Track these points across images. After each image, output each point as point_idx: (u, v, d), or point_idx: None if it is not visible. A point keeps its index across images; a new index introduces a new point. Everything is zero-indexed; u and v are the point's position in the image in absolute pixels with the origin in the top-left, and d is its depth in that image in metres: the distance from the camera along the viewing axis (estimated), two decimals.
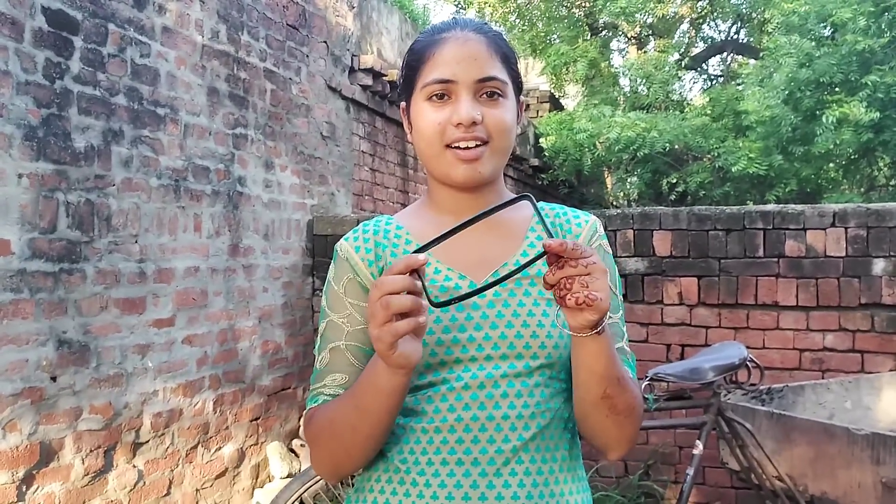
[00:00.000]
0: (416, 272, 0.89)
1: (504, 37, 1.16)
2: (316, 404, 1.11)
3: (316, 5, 4.60)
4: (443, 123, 1.07)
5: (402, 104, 1.18)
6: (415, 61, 1.12)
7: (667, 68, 9.67)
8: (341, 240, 1.17)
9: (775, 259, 3.70)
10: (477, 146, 1.07)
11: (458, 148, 1.07)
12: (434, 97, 1.08)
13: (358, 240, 1.15)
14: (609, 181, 11.79)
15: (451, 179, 1.10)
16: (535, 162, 9.22)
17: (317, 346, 1.15)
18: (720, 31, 12.45)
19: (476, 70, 1.07)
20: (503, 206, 0.97)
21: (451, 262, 1.10)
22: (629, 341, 1.17)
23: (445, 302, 0.91)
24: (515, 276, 1.07)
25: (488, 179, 1.11)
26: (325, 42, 4.71)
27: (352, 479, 1.15)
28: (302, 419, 4.33)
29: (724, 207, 3.83)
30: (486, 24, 1.16)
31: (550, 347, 1.06)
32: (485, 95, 1.08)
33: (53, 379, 2.77)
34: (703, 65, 12.62)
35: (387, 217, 1.21)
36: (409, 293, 0.89)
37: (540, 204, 1.20)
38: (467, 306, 1.06)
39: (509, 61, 1.12)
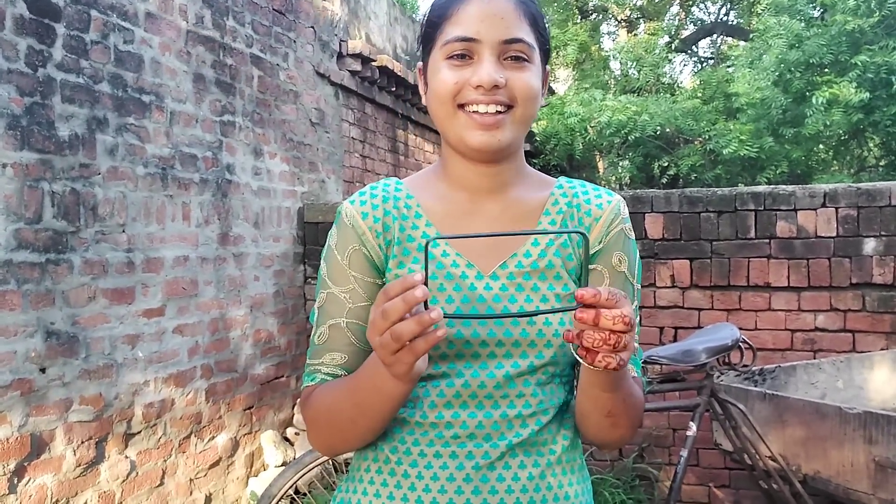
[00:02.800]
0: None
1: None
2: (313, 382, 1.06)
3: None
4: (459, 83, 0.99)
5: (419, 64, 1.09)
6: (436, 17, 1.03)
7: (657, 51, 9.65)
8: (346, 202, 1.07)
9: (766, 240, 3.69)
10: (498, 112, 0.99)
11: (477, 112, 0.99)
12: (454, 56, 1.00)
13: (366, 205, 1.06)
14: (601, 165, 11.77)
15: (465, 145, 1.01)
16: (526, 147, 9.17)
17: (314, 317, 1.08)
18: (710, 13, 12.43)
19: (502, 30, 0.98)
20: (550, 233, 0.96)
21: (461, 248, 1.04)
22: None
23: (449, 315, 0.87)
24: (524, 272, 1.04)
25: (507, 149, 1.02)
26: (313, 27, 4.67)
27: (346, 467, 1.13)
28: (299, 399, 4.32)
29: (716, 189, 3.83)
30: None
31: (556, 346, 1.01)
32: (510, 59, 0.99)
33: (42, 370, 2.74)
34: (693, 47, 12.58)
35: (396, 181, 1.11)
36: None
37: (561, 180, 1.13)
38: (473, 300, 1.01)
39: (538, 25, 1.03)
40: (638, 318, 1.09)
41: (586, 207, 1.08)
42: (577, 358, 0.85)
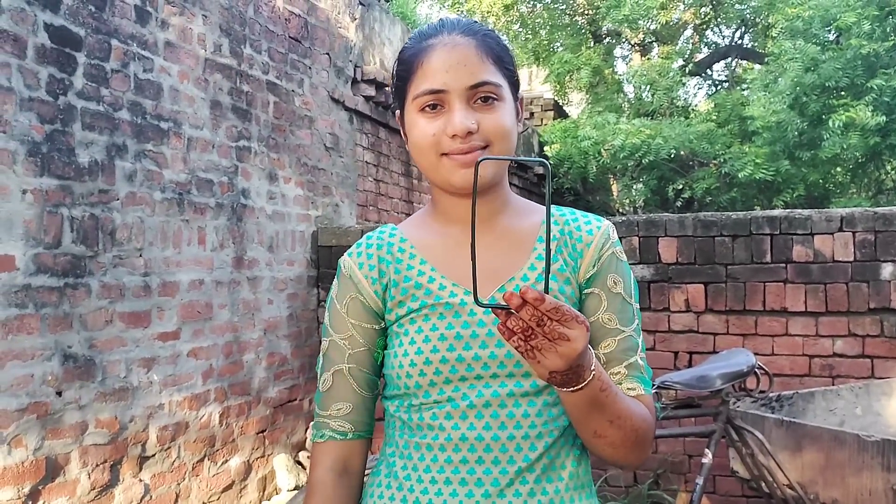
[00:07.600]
0: None
1: (495, 34, 1.09)
2: (322, 441, 1.11)
3: (318, 17, 4.62)
4: (437, 134, 1.03)
5: (397, 113, 1.14)
6: (404, 71, 1.07)
7: (671, 74, 9.64)
8: (345, 255, 1.14)
9: (783, 265, 3.67)
10: (475, 152, 1.02)
11: (457, 157, 1.03)
12: (427, 108, 1.04)
13: (361, 255, 1.11)
14: (615, 188, 11.76)
15: (452, 186, 1.04)
16: (539, 170, 9.21)
17: (319, 364, 1.13)
18: (724, 37, 12.42)
19: (467, 76, 1.02)
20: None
21: (456, 275, 1.06)
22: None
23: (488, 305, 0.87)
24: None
25: (490, 182, 1.06)
26: (328, 54, 4.73)
27: None
28: (308, 447, 4.31)
29: (730, 213, 3.81)
30: (474, 22, 1.09)
31: None
32: (479, 101, 1.03)
33: (59, 394, 2.77)
34: (708, 70, 12.57)
35: (391, 227, 1.16)
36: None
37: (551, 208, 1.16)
38: (473, 325, 1.03)
39: (502, 61, 1.06)
40: (640, 336, 1.09)
41: (577, 234, 1.10)
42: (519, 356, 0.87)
